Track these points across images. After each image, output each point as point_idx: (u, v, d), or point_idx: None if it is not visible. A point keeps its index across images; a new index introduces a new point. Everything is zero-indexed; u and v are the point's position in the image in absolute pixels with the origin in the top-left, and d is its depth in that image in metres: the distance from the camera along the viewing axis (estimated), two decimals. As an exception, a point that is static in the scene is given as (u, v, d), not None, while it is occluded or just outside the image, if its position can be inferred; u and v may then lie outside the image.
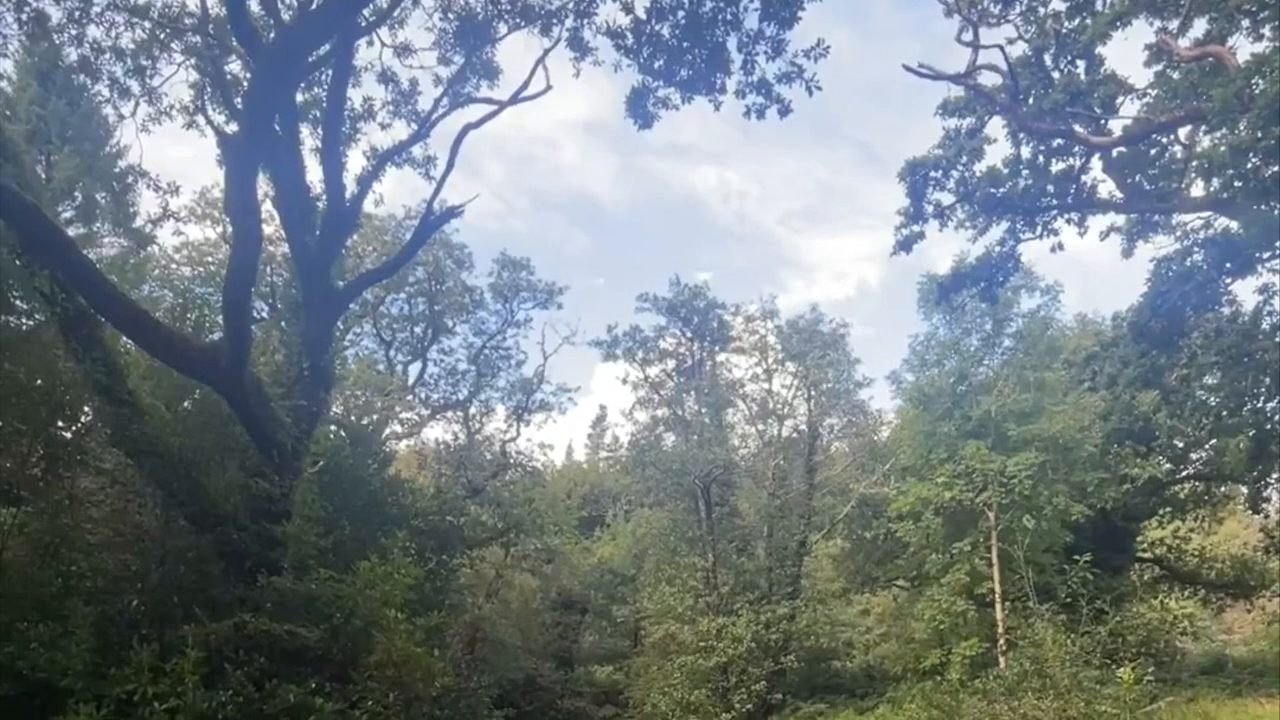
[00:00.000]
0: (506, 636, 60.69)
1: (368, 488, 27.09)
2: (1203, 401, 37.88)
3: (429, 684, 22.20)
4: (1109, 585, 36.06)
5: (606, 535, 79.83)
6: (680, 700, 46.85)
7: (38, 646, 17.75)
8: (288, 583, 21.38)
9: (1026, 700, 21.73)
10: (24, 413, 21.21)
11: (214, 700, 18.75)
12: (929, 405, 42.01)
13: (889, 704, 39.57)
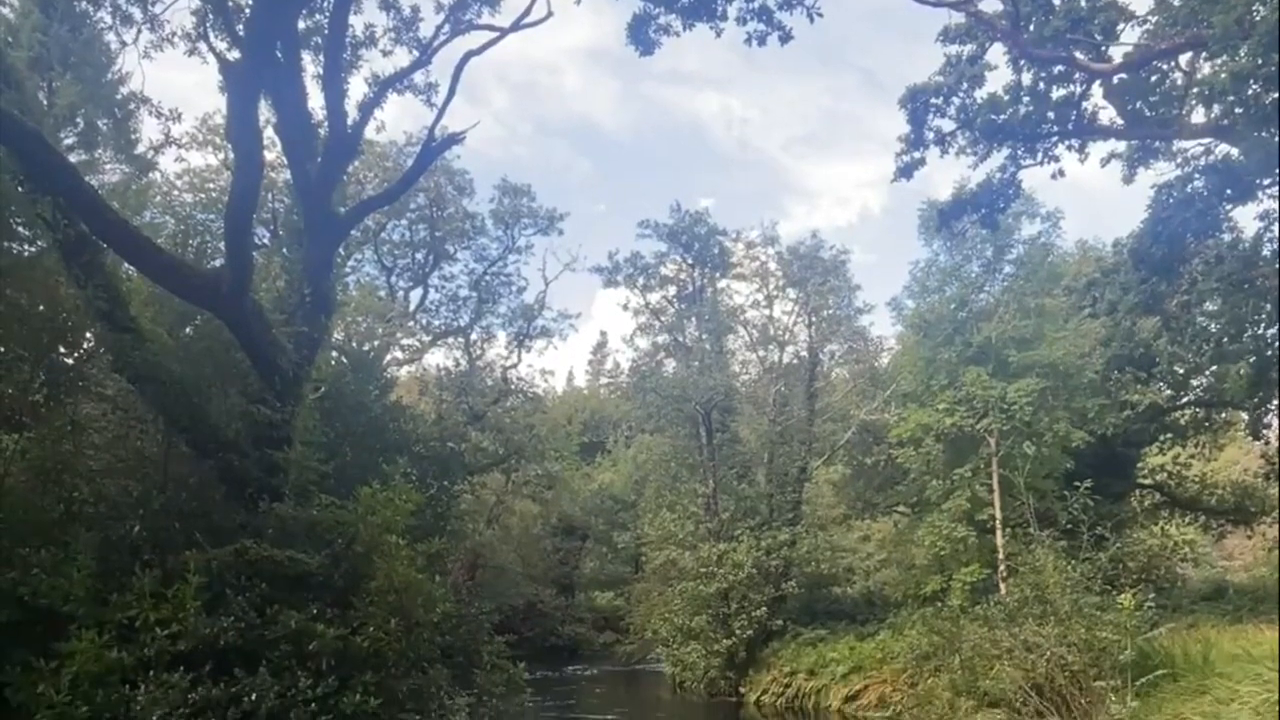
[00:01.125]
0: (507, 563, 61.08)
1: (369, 414, 27.09)
2: (1203, 328, 37.76)
3: (430, 610, 22.25)
4: (1109, 511, 36.10)
5: (607, 461, 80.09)
6: (681, 626, 47.06)
7: (39, 572, 17.77)
8: (289, 509, 21.38)
9: (1027, 626, 21.79)
10: (26, 339, 21.17)
11: (215, 626, 18.79)
12: (930, 331, 41.90)
13: (890, 630, 39.66)
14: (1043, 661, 20.07)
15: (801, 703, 40.43)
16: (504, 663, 25.09)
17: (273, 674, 18.99)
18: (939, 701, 24.58)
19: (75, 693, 16.76)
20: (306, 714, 18.97)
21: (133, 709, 17.19)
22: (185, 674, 17.99)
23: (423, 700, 22.26)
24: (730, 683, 45.50)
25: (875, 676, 37.66)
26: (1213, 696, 16.45)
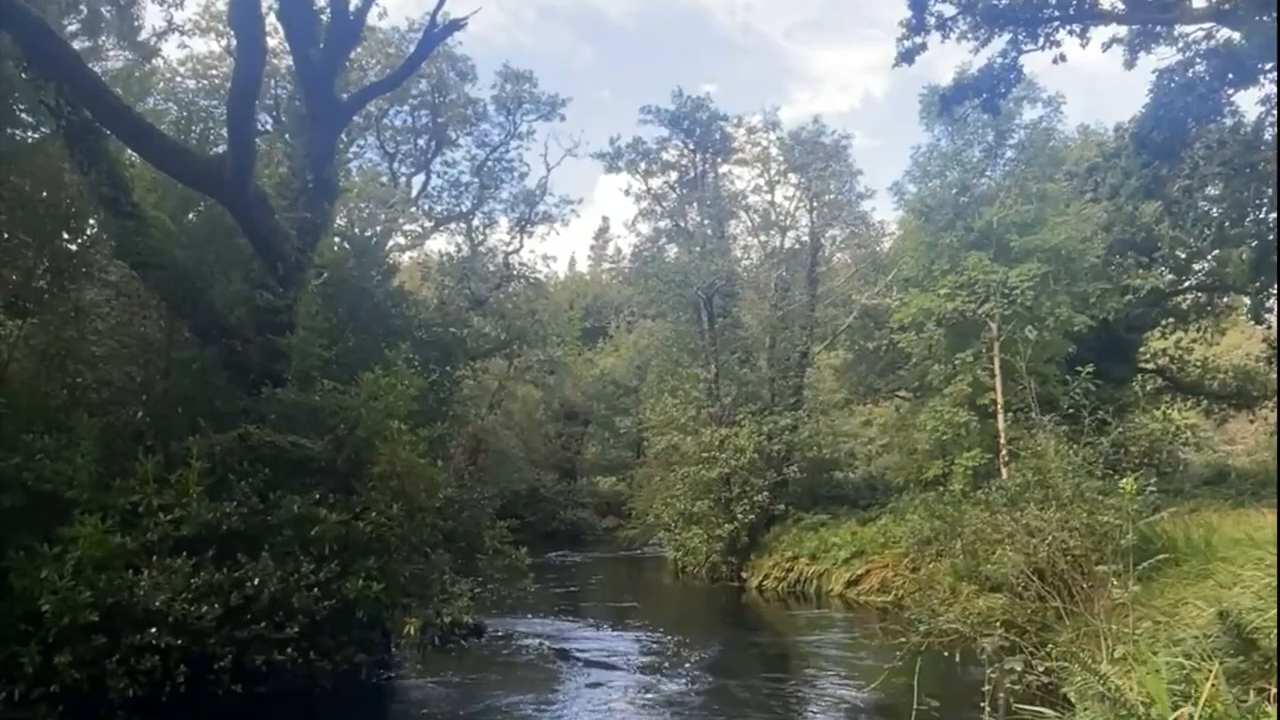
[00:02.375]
0: (509, 448, 61.24)
1: (371, 299, 27.03)
2: (1205, 212, 37.56)
3: (432, 495, 22.32)
4: (1111, 396, 36.11)
5: (609, 347, 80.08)
6: (683, 511, 47.19)
7: (43, 458, 17.85)
8: (292, 394, 21.41)
9: (1029, 511, 21.81)
10: (30, 226, 21.15)
11: (218, 511, 18.91)
12: (931, 217, 41.65)
13: (891, 514, 39.76)
14: (1044, 546, 20.11)
15: (803, 587, 40.63)
16: (506, 547, 25.22)
17: (275, 559, 19.13)
18: (940, 586, 24.69)
19: (78, 577, 16.91)
20: (309, 599, 19.12)
21: (136, 593, 17.33)
22: (188, 559, 18.16)
23: (425, 585, 22.41)
24: (732, 568, 45.70)
25: (877, 561, 37.84)
26: (1215, 581, 16.49)
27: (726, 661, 26.86)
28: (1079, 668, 10.34)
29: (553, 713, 20.93)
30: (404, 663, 25.03)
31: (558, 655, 27.15)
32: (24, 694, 16.66)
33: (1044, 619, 19.25)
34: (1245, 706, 7.33)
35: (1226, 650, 8.86)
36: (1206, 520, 23.42)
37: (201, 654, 18.04)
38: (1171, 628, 14.49)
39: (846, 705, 20.87)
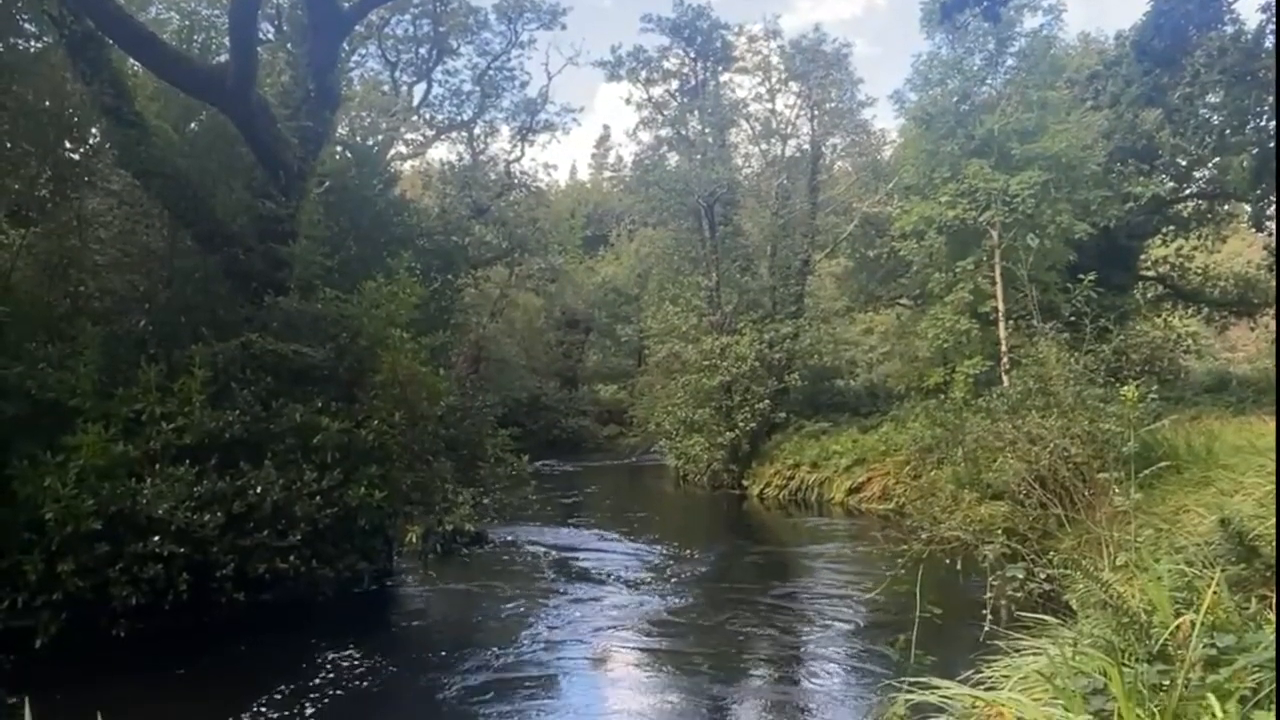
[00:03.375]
0: (511, 356, 61.34)
1: (373, 208, 26.96)
2: (1205, 120, 37.44)
3: (434, 403, 22.39)
4: (1112, 303, 36.02)
5: (610, 255, 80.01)
6: (684, 419, 47.31)
7: (46, 366, 17.84)
8: (294, 303, 21.41)
9: (1030, 418, 21.84)
10: (33, 135, 21.05)
11: (221, 419, 18.96)
12: (932, 125, 41.42)
13: (893, 422, 39.85)
14: (1046, 453, 20.16)
15: (804, 495, 40.78)
16: (508, 455, 25.33)
17: (278, 467, 19.22)
18: (942, 493, 24.73)
19: (82, 486, 16.93)
20: (311, 506, 19.24)
21: (139, 502, 17.37)
22: (191, 467, 18.21)
23: (427, 493, 22.53)
24: (733, 475, 45.86)
25: (878, 469, 37.96)
26: (1216, 488, 16.53)
27: (728, 569, 26.98)
28: (1081, 575, 10.36)
29: (553, 621, 21.05)
30: (406, 571, 25.16)
31: (559, 564, 27.28)
32: (27, 602, 16.73)
33: (1045, 526, 19.34)
34: (1247, 613, 7.36)
35: (1228, 557, 8.88)
36: (1208, 427, 23.46)
37: (204, 562, 18.16)
38: (1173, 535, 14.54)
39: (849, 613, 20.98)
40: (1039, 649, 8.34)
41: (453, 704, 16.02)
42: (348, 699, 15.83)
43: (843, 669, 17.17)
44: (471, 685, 16.71)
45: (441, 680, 16.98)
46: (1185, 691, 5.84)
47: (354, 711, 15.48)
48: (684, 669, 17.36)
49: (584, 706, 15.75)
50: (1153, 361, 31.55)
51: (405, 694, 16.48)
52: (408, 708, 16.00)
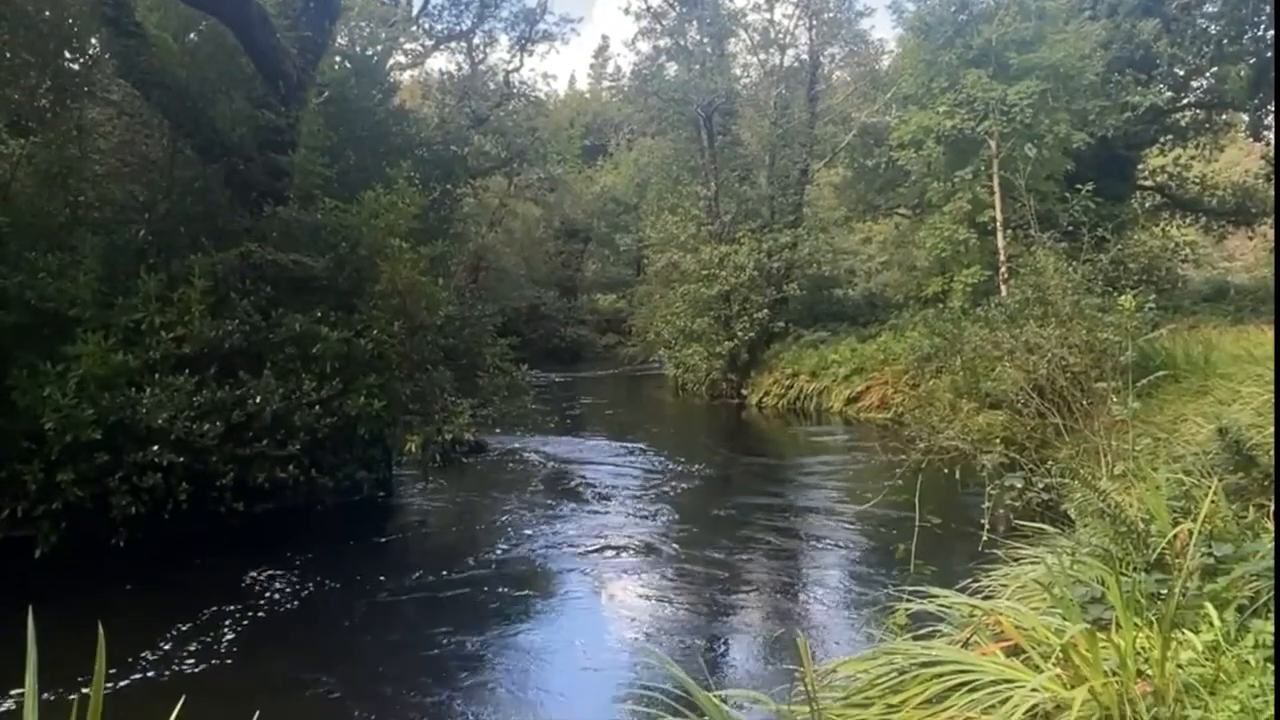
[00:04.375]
0: (510, 265, 61.29)
1: (372, 118, 26.84)
2: (1203, 29, 37.33)
3: (433, 312, 22.38)
4: (1110, 213, 35.99)
5: (609, 164, 79.76)
6: (682, 328, 47.38)
7: (46, 276, 17.81)
8: (293, 212, 21.37)
9: (1028, 328, 21.83)
10: (32, 45, 20.93)
11: (220, 329, 18.97)
12: (930, 34, 41.15)
13: (891, 331, 39.93)
14: (1044, 363, 20.18)
15: (803, 404, 40.89)
16: (507, 365, 25.32)
17: (277, 377, 19.25)
18: (940, 403, 24.77)
19: (81, 395, 16.95)
20: (310, 416, 19.27)
21: (138, 411, 17.40)
22: (190, 377, 18.23)
23: (426, 402, 22.54)
24: (732, 385, 45.99)
25: (877, 378, 38.06)
26: (1214, 397, 16.57)
27: (727, 478, 27.09)
28: (1079, 484, 10.41)
29: (552, 528, 21.16)
30: (405, 480, 25.25)
31: (558, 472, 27.38)
32: (27, 511, 16.79)
33: (1043, 436, 19.37)
34: (1245, 522, 7.40)
35: (1226, 466, 8.91)
36: (1205, 337, 23.51)
37: (203, 472, 18.21)
38: (1171, 444, 14.58)
39: (848, 523, 21.07)
40: (1037, 558, 8.39)
41: (449, 608, 16.15)
42: (345, 604, 15.95)
43: (842, 579, 17.27)
44: (467, 590, 16.83)
45: (438, 585, 17.11)
46: (1183, 600, 5.89)
47: (351, 615, 15.59)
48: (683, 576, 17.46)
49: (580, 613, 15.86)
50: (1150, 271, 31.67)
51: (403, 598, 16.62)
52: (406, 611, 16.13)
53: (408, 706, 12.42)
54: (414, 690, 12.99)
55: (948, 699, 5.80)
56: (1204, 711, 4.71)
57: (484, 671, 13.70)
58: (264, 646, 14.46)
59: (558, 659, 13.89)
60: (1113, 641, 5.44)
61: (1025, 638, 6.25)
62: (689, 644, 14.00)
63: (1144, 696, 4.91)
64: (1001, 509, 13.17)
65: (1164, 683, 4.96)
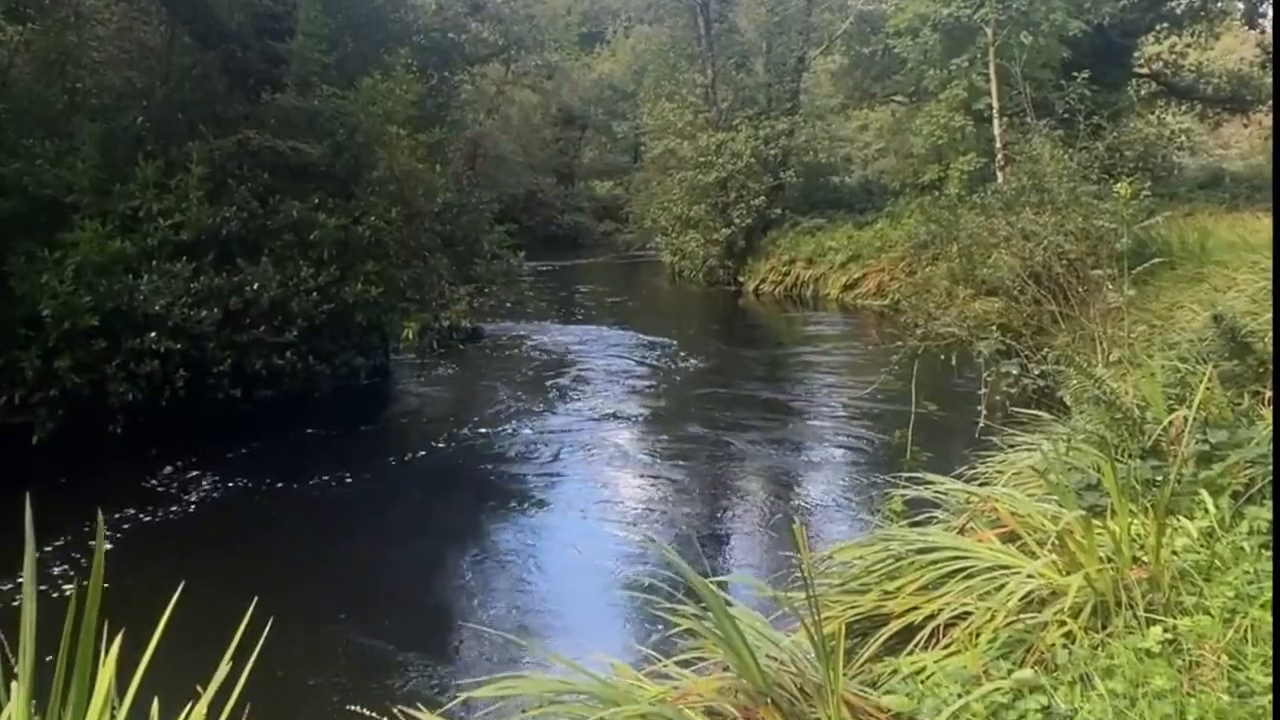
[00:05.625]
0: (507, 152, 60.94)
1: (370, 4, 26.59)
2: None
3: (430, 199, 22.38)
4: (1106, 101, 35.79)
5: (606, 52, 79.17)
6: (679, 215, 47.32)
7: (44, 163, 17.75)
8: (291, 99, 21.26)
9: (1024, 215, 21.80)
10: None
11: (218, 215, 18.96)
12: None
13: (888, 218, 39.89)
14: (1040, 250, 20.17)
15: (800, 291, 40.94)
16: (504, 252, 25.32)
17: (275, 264, 19.26)
18: (937, 290, 24.76)
19: (79, 282, 16.96)
20: (308, 303, 19.31)
21: (136, 298, 17.42)
22: (188, 263, 18.24)
23: (423, 289, 22.58)
24: (729, 272, 46.01)
25: (873, 265, 38.07)
26: (1209, 284, 16.62)
27: (724, 363, 27.17)
28: (1075, 371, 10.47)
29: (549, 416, 21.27)
30: (402, 366, 25.34)
31: (555, 358, 27.45)
32: (24, 398, 16.87)
33: (1040, 323, 19.41)
34: (1240, 409, 7.46)
35: (1221, 354, 8.95)
36: (1201, 224, 23.54)
37: (201, 358, 18.29)
38: (1166, 331, 14.66)
39: (845, 408, 21.17)
40: (1033, 444, 8.46)
41: (446, 490, 16.33)
42: (342, 487, 16.09)
43: (839, 466, 17.38)
44: (464, 474, 17.00)
45: (434, 468, 17.28)
46: (1178, 486, 5.95)
47: (348, 497, 15.74)
48: (679, 463, 17.57)
49: (576, 499, 15.96)
50: (1146, 158, 31.59)
51: (400, 480, 16.77)
52: (402, 492, 16.28)
53: (405, 583, 12.60)
54: (410, 567, 13.15)
55: (944, 585, 5.88)
56: (1199, 597, 4.79)
57: (479, 554, 13.84)
58: (260, 528, 14.63)
59: (554, 545, 14.04)
60: (1108, 528, 5.50)
61: (1021, 524, 6.32)
62: (685, 531, 14.11)
63: (1139, 582, 4.98)
64: (998, 396, 13.22)
65: (1159, 569, 5.03)
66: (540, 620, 11.55)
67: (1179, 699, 4.03)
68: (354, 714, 4.64)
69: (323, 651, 10.45)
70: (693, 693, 4.87)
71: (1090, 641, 4.76)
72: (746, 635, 4.64)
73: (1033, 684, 4.36)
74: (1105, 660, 4.50)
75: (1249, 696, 3.95)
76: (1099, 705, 4.16)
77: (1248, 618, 4.41)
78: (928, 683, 4.85)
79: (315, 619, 11.09)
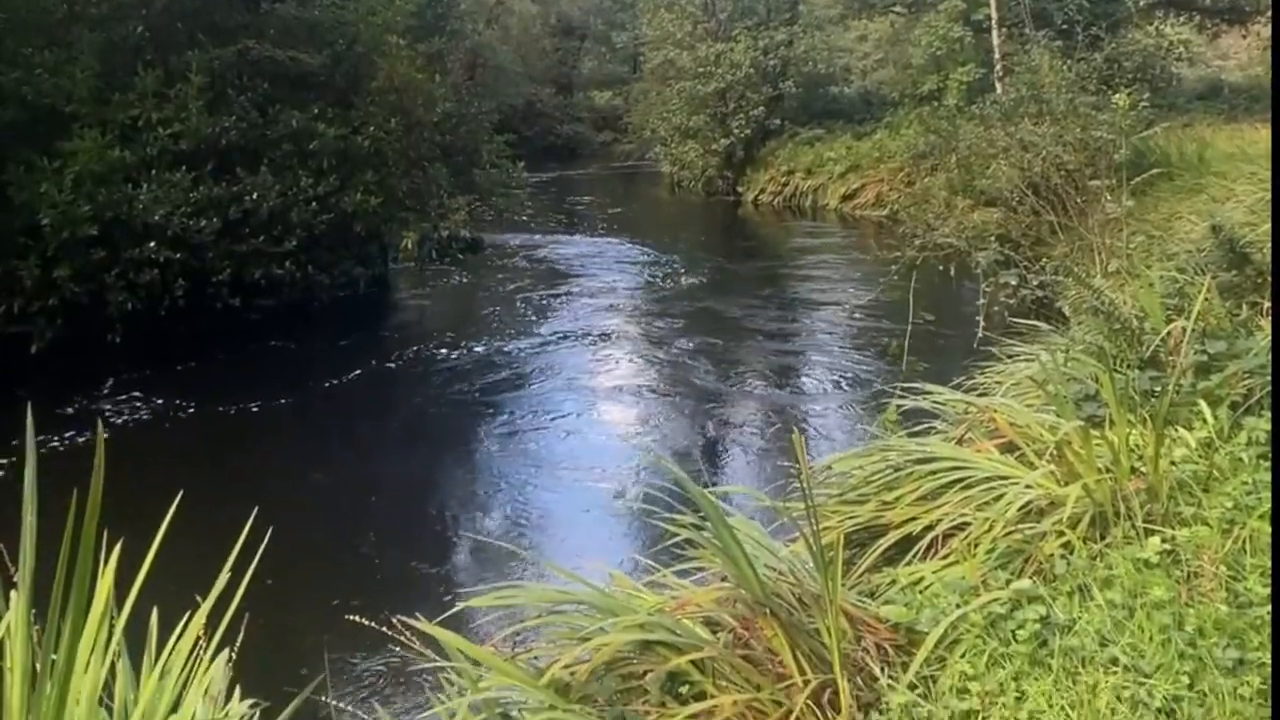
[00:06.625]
0: (507, 62, 60.54)
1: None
2: None
3: (430, 109, 22.33)
4: (1105, 11, 35.61)
5: (605, -39, 78.68)
6: (678, 125, 47.13)
7: (43, 72, 17.66)
8: (291, 9, 21.15)
9: (1023, 125, 21.76)
10: None
11: (218, 125, 18.94)
12: None
13: (886, 129, 39.72)
14: (1038, 160, 20.13)
15: (799, 201, 40.83)
16: (503, 162, 25.33)
17: (274, 173, 19.26)
18: (936, 200, 24.72)
19: (78, 192, 16.97)
20: (307, 213, 19.33)
21: (135, 207, 17.43)
22: (187, 173, 18.24)
23: (422, 199, 22.61)
24: (728, 182, 45.87)
25: (872, 175, 37.95)
26: (1208, 195, 16.56)
27: (723, 273, 27.17)
28: (1073, 282, 10.49)
29: (547, 324, 21.32)
30: (401, 277, 25.34)
31: (554, 270, 27.46)
32: (23, 308, 16.92)
33: (1038, 233, 19.43)
34: (1238, 320, 7.47)
35: (1219, 264, 8.95)
36: (1199, 135, 23.45)
37: (200, 268, 18.37)
38: (1164, 242, 14.64)
39: (844, 318, 21.20)
40: (1031, 355, 8.48)
41: (443, 398, 16.39)
42: (338, 396, 16.17)
43: (838, 377, 17.42)
44: (461, 382, 17.07)
45: (432, 375, 17.37)
46: (1176, 397, 5.97)
47: (344, 407, 15.83)
48: (678, 373, 17.63)
49: (575, 409, 16.03)
50: (1144, 69, 31.45)
51: (396, 390, 16.84)
52: (399, 402, 16.36)
53: (402, 494, 12.69)
54: (407, 478, 13.24)
55: (942, 495, 5.91)
56: (1197, 508, 4.82)
57: (476, 466, 13.93)
58: (256, 438, 14.71)
59: (552, 457, 14.09)
60: (1106, 438, 5.53)
61: (1020, 434, 6.35)
62: (684, 443, 14.18)
63: (1137, 493, 5.01)
64: (996, 306, 13.26)
65: (1157, 479, 5.06)
66: (538, 532, 11.64)
67: (1177, 609, 4.07)
68: (352, 624, 4.68)
69: (319, 561, 10.54)
70: (691, 603, 4.91)
71: (1088, 552, 4.80)
72: (745, 545, 4.67)
73: (1031, 594, 4.40)
74: (1103, 571, 4.54)
75: (1247, 607, 3.99)
76: (1097, 615, 4.20)
77: (1246, 528, 4.44)
78: (926, 593, 4.89)
79: (311, 529, 11.18)
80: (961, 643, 4.31)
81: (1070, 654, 4.06)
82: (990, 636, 4.28)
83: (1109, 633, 4.09)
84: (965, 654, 4.26)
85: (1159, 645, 3.92)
